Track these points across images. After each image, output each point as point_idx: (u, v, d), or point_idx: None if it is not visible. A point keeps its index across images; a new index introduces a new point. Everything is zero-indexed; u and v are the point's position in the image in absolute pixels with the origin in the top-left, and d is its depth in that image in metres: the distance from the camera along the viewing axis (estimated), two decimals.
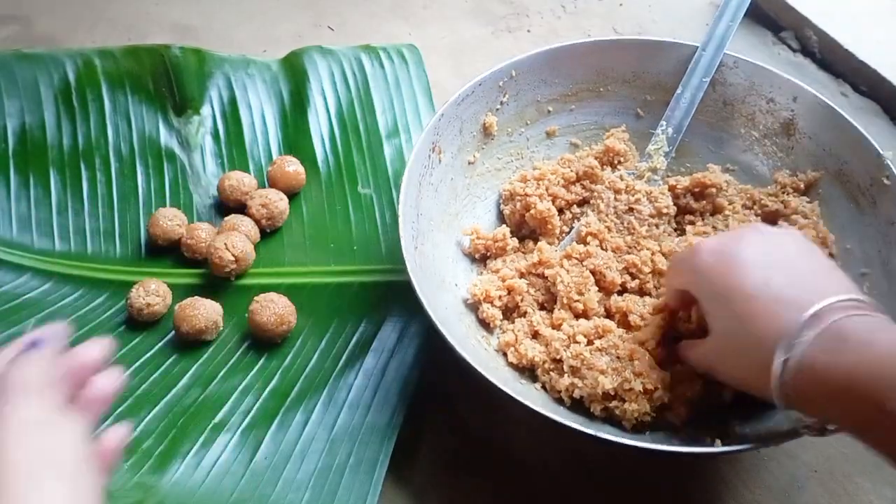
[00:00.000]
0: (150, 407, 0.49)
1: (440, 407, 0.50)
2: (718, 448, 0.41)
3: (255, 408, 0.49)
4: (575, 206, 0.56)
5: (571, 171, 0.56)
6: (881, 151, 0.49)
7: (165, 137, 0.63)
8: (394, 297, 0.55)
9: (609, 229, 0.53)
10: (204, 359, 0.52)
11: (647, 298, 0.50)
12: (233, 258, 0.54)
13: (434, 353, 0.51)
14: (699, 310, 0.42)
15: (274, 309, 0.51)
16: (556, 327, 0.49)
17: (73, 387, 0.31)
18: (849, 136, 0.51)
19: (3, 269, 0.56)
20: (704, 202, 0.54)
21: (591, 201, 0.55)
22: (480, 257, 0.55)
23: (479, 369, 0.41)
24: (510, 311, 0.51)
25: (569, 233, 0.55)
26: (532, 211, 0.54)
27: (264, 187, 0.60)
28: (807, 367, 0.33)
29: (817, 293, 0.35)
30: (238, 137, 0.64)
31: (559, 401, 0.46)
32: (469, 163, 0.56)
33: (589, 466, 0.48)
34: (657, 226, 0.53)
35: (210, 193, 0.62)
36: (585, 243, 0.52)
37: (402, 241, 0.47)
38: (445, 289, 0.51)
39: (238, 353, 0.53)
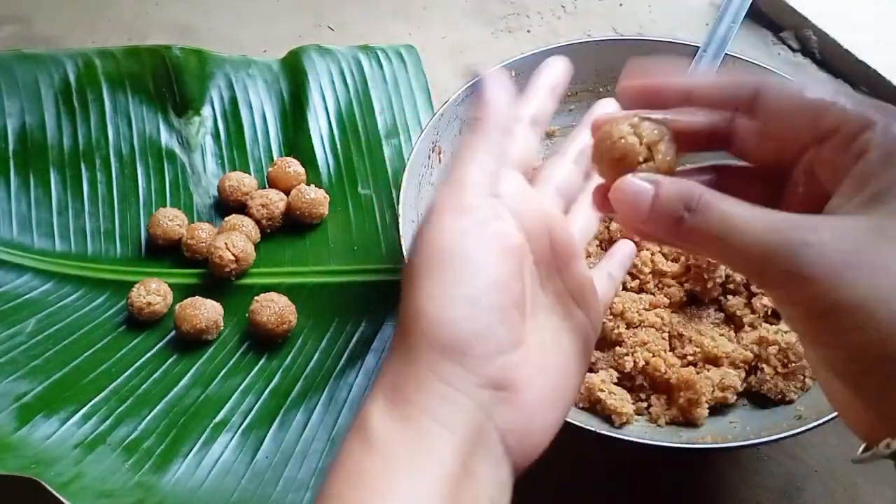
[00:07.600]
0: (151, 407, 0.49)
1: None
2: (717, 445, 0.41)
3: (255, 407, 0.49)
4: None
5: None
6: None
7: (166, 138, 0.63)
8: (394, 297, 0.55)
9: (609, 230, 0.53)
10: (204, 359, 0.52)
11: (644, 296, 0.50)
12: (233, 258, 0.54)
13: None
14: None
15: (274, 309, 0.51)
16: None
17: None
18: None
19: (4, 269, 0.56)
20: None
21: None
22: None
23: None
24: None
25: None
26: None
27: (264, 187, 0.60)
28: None
29: None
30: (238, 137, 0.64)
31: None
32: None
33: (588, 465, 0.48)
34: None
35: (210, 193, 0.62)
36: None
37: (402, 241, 0.47)
38: None
39: (238, 352, 0.53)
